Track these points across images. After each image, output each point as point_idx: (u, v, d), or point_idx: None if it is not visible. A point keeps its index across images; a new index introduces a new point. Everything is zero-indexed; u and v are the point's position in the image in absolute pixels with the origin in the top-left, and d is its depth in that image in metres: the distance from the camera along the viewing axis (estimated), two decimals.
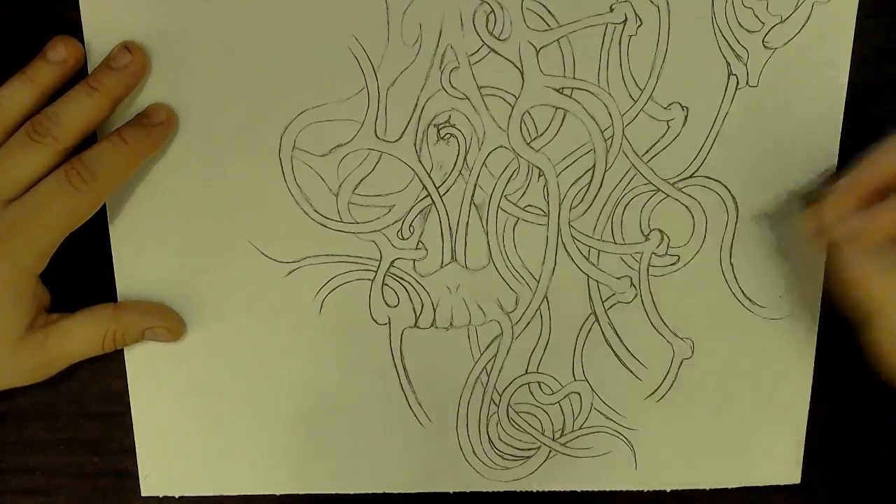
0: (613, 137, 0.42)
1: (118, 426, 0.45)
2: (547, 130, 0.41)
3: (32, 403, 0.45)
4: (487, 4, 0.40)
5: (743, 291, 0.44)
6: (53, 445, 0.46)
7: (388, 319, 0.43)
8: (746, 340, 0.44)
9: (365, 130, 0.41)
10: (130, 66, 0.39)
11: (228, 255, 0.42)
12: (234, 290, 0.43)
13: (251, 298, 0.43)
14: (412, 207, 0.42)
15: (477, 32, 0.40)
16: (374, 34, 0.40)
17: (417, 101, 0.41)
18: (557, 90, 0.41)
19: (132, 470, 0.46)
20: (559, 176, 0.42)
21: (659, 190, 0.42)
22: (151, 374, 0.44)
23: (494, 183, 0.42)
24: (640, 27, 0.40)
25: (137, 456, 0.45)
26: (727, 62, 0.41)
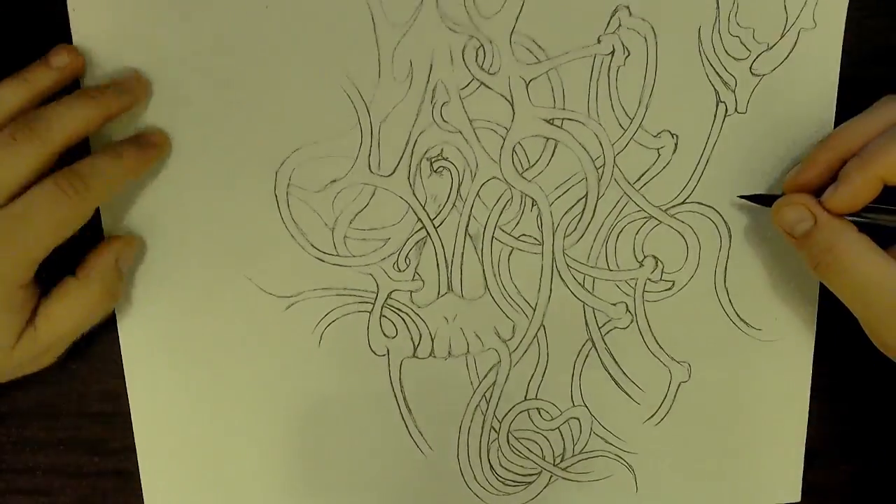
0: (605, 166, 0.42)
1: (118, 426, 0.45)
2: (539, 161, 0.42)
3: (32, 403, 0.45)
4: (476, 39, 0.40)
5: (738, 314, 0.44)
6: (53, 445, 0.45)
7: (386, 350, 0.44)
8: (743, 363, 0.45)
9: (359, 165, 0.41)
10: (134, 87, 0.39)
11: (227, 290, 0.42)
12: (233, 325, 0.43)
13: (250, 333, 0.43)
14: (407, 240, 0.43)
15: (467, 67, 0.40)
16: (365, 71, 0.40)
17: (410, 135, 0.41)
18: (548, 121, 0.41)
19: (132, 470, 0.45)
20: (552, 205, 0.42)
21: (651, 217, 0.43)
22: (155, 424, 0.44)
23: (488, 214, 0.42)
24: (627, 58, 0.41)
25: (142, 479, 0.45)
26: (715, 90, 0.41)
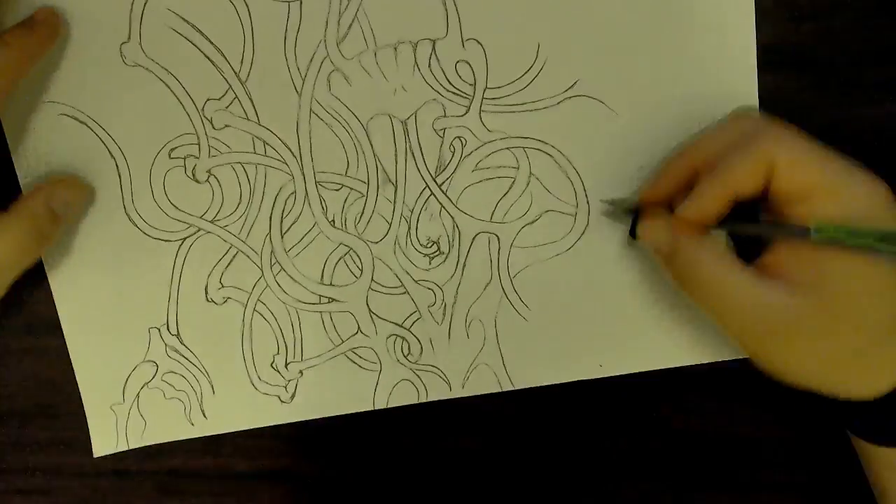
0: None
1: None
2: None
3: (32, 403, 0.45)
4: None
5: None
6: (53, 445, 0.46)
7: None
8: None
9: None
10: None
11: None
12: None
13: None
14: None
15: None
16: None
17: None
18: None
19: (132, 470, 0.46)
20: None
21: None
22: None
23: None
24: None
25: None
26: None
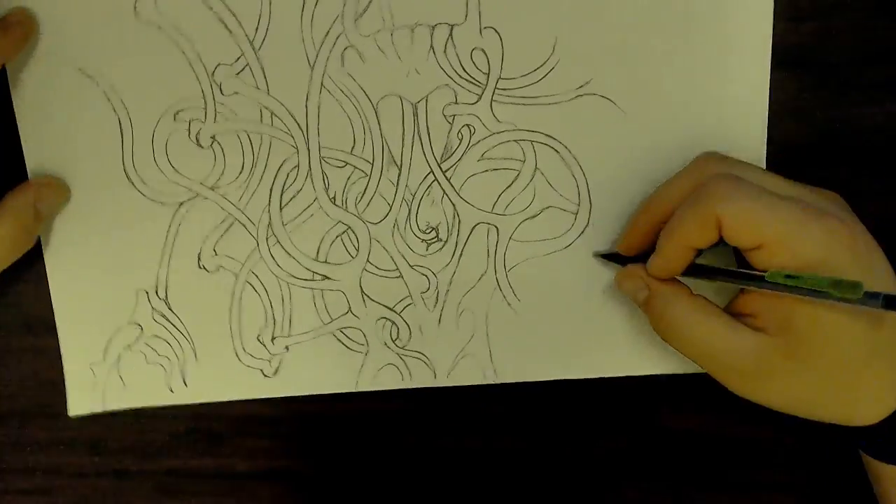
0: None
1: (118, 426, 0.45)
2: None
3: (32, 403, 0.45)
4: None
5: None
6: (53, 445, 0.46)
7: None
8: None
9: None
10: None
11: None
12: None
13: None
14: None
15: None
16: None
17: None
18: None
19: (132, 470, 0.46)
20: None
21: None
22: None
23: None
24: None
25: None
26: None
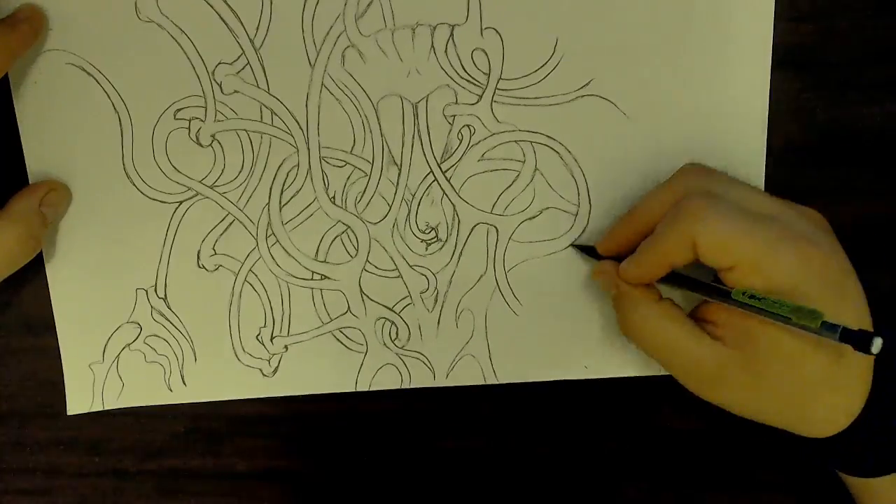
0: None
1: (118, 426, 0.45)
2: None
3: (32, 403, 0.45)
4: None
5: None
6: (53, 445, 0.46)
7: None
8: None
9: None
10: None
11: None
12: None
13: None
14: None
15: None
16: None
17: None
18: None
19: (132, 470, 0.46)
20: None
21: None
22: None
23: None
24: None
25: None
26: None
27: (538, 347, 0.44)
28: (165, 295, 0.44)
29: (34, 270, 0.43)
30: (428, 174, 0.43)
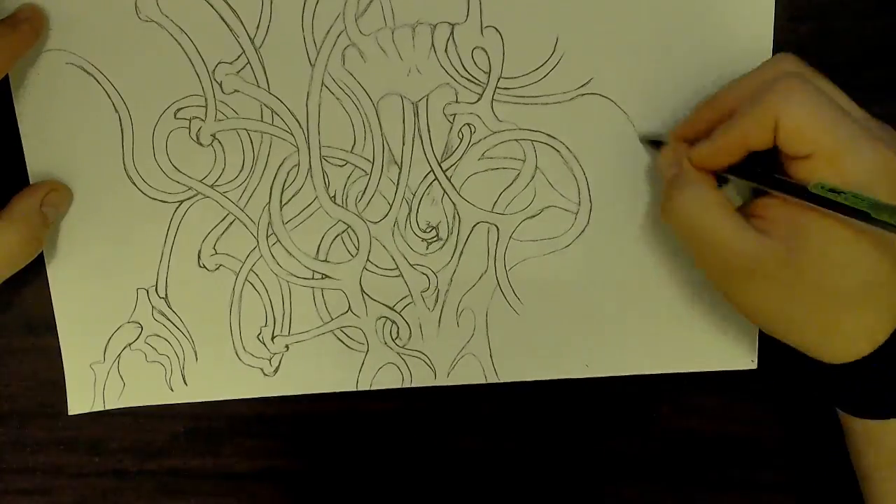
0: None
1: (118, 426, 0.45)
2: None
3: (32, 403, 0.45)
4: None
5: None
6: (53, 445, 0.46)
7: None
8: None
9: None
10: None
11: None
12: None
13: None
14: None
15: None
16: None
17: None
18: None
19: (132, 470, 0.46)
20: None
21: None
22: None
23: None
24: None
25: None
26: None
27: (539, 346, 0.44)
28: (166, 294, 0.44)
29: (35, 270, 0.43)
30: (428, 173, 0.43)
